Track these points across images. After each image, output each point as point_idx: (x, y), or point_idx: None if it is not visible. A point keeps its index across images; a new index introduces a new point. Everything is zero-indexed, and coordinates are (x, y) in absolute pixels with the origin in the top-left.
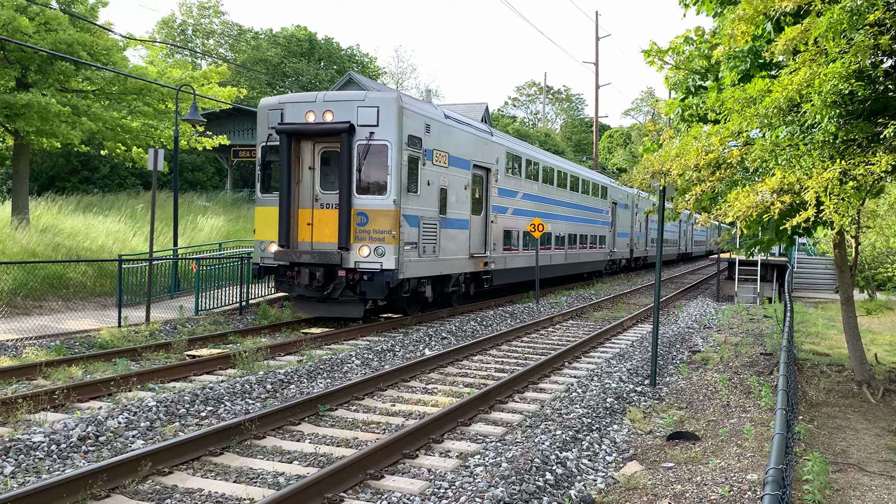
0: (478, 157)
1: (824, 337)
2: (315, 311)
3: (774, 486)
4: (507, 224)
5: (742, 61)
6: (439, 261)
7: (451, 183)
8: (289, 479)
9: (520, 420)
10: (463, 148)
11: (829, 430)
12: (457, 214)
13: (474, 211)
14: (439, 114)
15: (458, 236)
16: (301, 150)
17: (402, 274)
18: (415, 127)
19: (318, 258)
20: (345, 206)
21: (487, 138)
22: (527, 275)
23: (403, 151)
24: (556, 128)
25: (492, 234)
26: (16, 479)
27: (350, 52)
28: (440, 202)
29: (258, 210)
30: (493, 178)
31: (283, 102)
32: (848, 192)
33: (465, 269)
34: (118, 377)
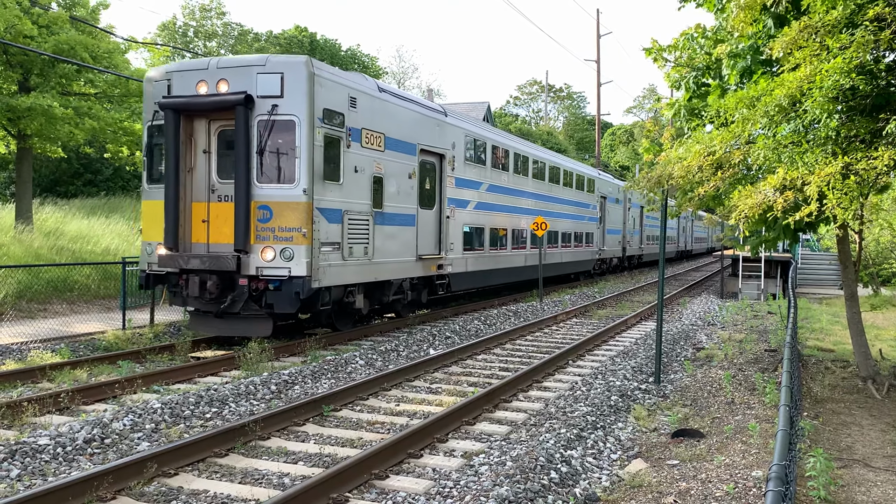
0: (427, 141)
1: (829, 333)
2: (211, 329)
3: (778, 482)
4: (468, 220)
5: (743, 58)
6: (374, 264)
7: (389, 170)
8: (294, 479)
9: (524, 419)
10: (406, 129)
11: (833, 426)
12: (398, 208)
13: (424, 204)
14: (370, 86)
15: (401, 235)
16: (194, 130)
17: (319, 281)
18: (334, 99)
19: (208, 263)
20: (242, 198)
21: (439, 119)
22: (496, 278)
23: (317, 129)
24: (559, 126)
25: (448, 232)
26: (22, 481)
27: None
28: (373, 193)
29: (144, 205)
30: (448, 167)
31: (170, 72)
32: (851, 187)
33: (412, 273)
34: (123, 379)
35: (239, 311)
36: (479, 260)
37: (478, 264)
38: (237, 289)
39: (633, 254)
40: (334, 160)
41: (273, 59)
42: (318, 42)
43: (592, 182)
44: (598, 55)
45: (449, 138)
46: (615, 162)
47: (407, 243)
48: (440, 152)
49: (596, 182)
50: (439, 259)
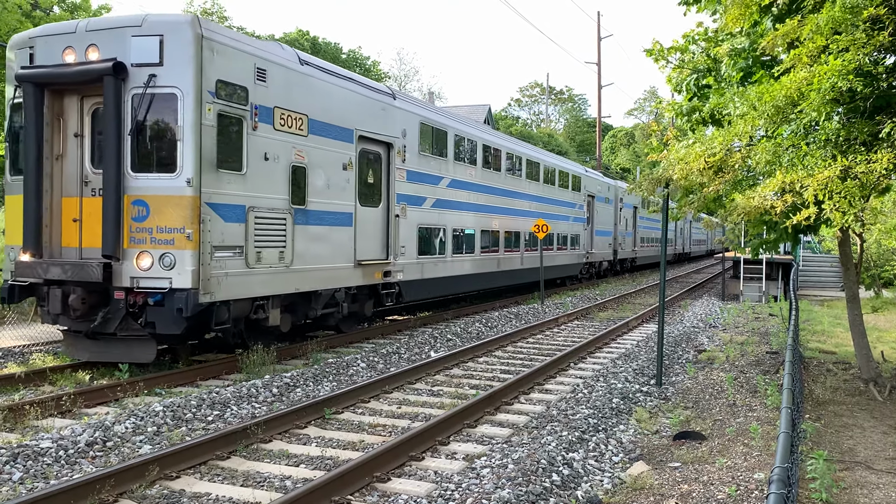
0: (368, 127)
1: (830, 335)
2: (82, 353)
3: (780, 484)
4: (425, 220)
5: (743, 58)
6: (293, 273)
7: (314, 159)
8: (296, 482)
9: (526, 421)
10: (340, 111)
11: (835, 428)
12: (328, 205)
13: (365, 201)
14: (287, 56)
15: (333, 236)
16: (63, 109)
17: (211, 295)
18: (233, 70)
19: (70, 273)
20: (112, 192)
21: (385, 102)
22: (462, 286)
23: (208, 105)
24: (559, 128)
25: (398, 234)
26: (24, 484)
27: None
28: (292, 186)
29: (8, 200)
30: (397, 158)
31: (33, 37)
32: (850, 191)
33: (349, 281)
34: (125, 382)
35: (115, 330)
36: (438, 266)
37: (437, 270)
38: (111, 304)
39: (625, 257)
40: (233, 145)
41: (151, 19)
42: (320, 45)
43: (578, 180)
44: (598, 57)
45: (398, 125)
46: (616, 164)
47: (341, 247)
48: (387, 140)
49: (582, 180)
50: (386, 265)
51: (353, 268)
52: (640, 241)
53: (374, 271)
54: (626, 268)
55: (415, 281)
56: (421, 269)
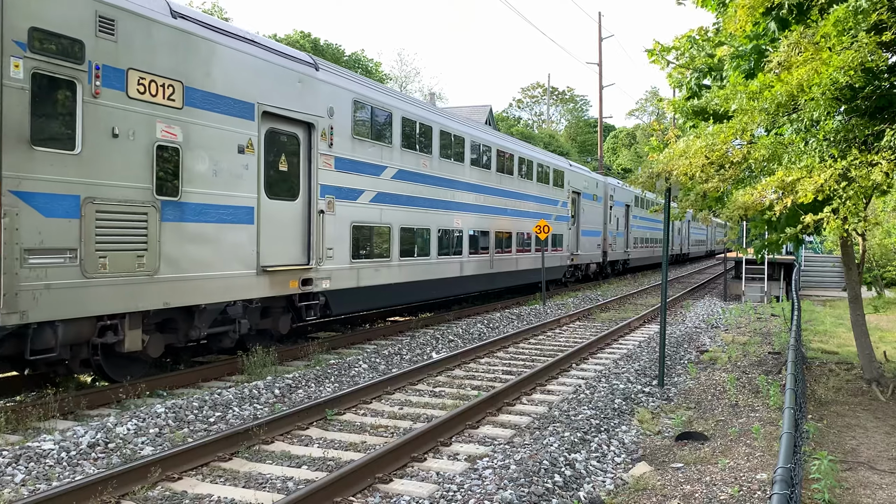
0: (278, 102)
1: (833, 335)
2: None
3: (783, 485)
4: (362, 217)
5: (746, 60)
6: (160, 282)
7: (196, 139)
8: (297, 483)
9: (528, 422)
10: (233, 80)
11: (838, 428)
12: (215, 197)
13: (275, 193)
14: (150, 5)
15: (224, 237)
16: None
17: (22, 315)
18: (58, 15)
19: None
20: None
21: (303, 72)
22: (413, 294)
23: (14, 60)
24: (561, 129)
25: (323, 234)
26: (26, 486)
27: (354, 56)
28: (158, 172)
29: None
30: (321, 141)
31: None
32: (850, 195)
33: (248, 293)
34: (127, 384)
35: None
36: (381, 271)
37: (379, 277)
38: None
39: (616, 258)
40: (60, 116)
41: None
42: (322, 46)
43: (561, 174)
44: (600, 58)
45: (322, 101)
46: (617, 165)
47: (236, 249)
48: (306, 120)
49: (566, 174)
50: (306, 271)
51: (255, 276)
52: (634, 241)
53: (289, 279)
54: (618, 270)
55: (348, 290)
56: (356, 275)
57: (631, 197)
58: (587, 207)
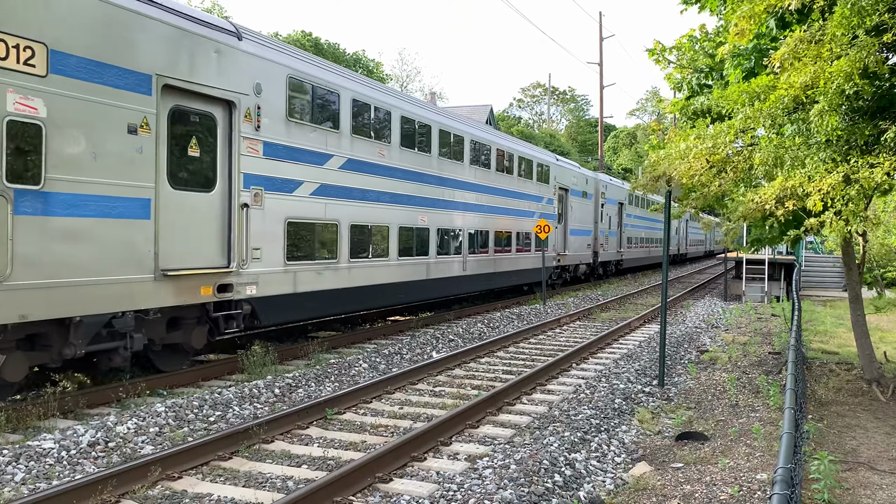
0: (185, 74)
1: (833, 335)
2: None
3: (783, 485)
4: (300, 213)
5: (746, 59)
6: (10, 290)
7: (63, 114)
8: (297, 482)
9: (528, 422)
10: (122, 44)
11: (838, 428)
12: (98, 186)
13: (182, 182)
14: None
15: (107, 234)
16: None
17: None
18: None
19: None
20: None
21: (221, 42)
22: (370, 299)
23: None
24: (561, 129)
25: (248, 231)
26: (27, 485)
27: (355, 56)
28: (8, 154)
29: None
30: (245, 123)
31: None
32: (852, 196)
33: (143, 301)
34: (127, 383)
35: None
36: (326, 275)
37: (323, 281)
38: None
39: (609, 259)
40: None
41: None
42: (323, 45)
43: (546, 169)
44: (600, 58)
45: (247, 77)
46: (618, 164)
47: (125, 250)
48: (225, 97)
49: (552, 170)
50: (224, 275)
51: (152, 281)
52: (628, 241)
53: (200, 285)
54: (611, 271)
55: (281, 297)
56: (292, 280)
57: (624, 194)
58: (576, 205)
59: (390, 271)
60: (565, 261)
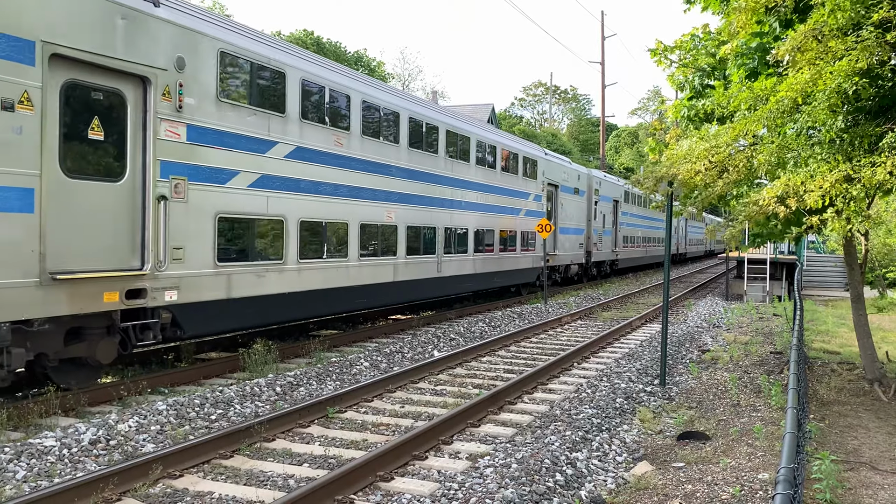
0: (83, 43)
1: (835, 335)
2: None
3: (786, 485)
4: (236, 207)
5: (750, 59)
6: None
7: None
8: (299, 481)
9: (529, 421)
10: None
11: (840, 428)
12: None
13: (78, 170)
14: None
15: None
16: None
17: None
18: None
19: None
20: None
21: (130, 6)
22: (313, 306)
23: None
24: (563, 128)
25: (167, 227)
26: (28, 483)
27: (357, 55)
28: None
29: None
30: (162, 102)
31: None
32: (854, 195)
33: (24, 310)
34: (128, 381)
35: None
36: (267, 278)
37: (263, 285)
38: None
39: (603, 259)
40: None
41: None
42: (325, 44)
43: (533, 164)
44: (602, 57)
45: (165, 49)
46: (620, 164)
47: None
48: (138, 72)
49: (539, 164)
50: (135, 278)
51: (36, 286)
52: (623, 240)
53: (102, 290)
54: (605, 272)
55: (211, 304)
56: (225, 283)
57: (620, 192)
58: (567, 202)
59: (350, 273)
60: (555, 261)
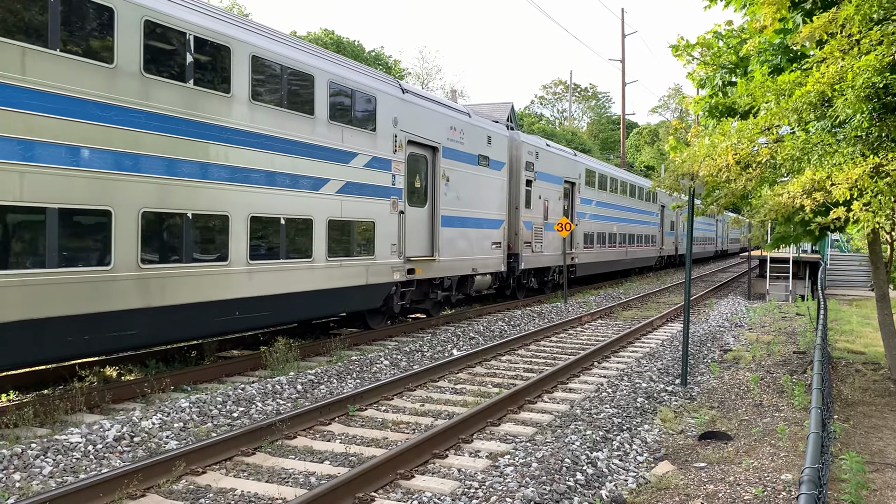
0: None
1: (859, 335)
2: None
3: (811, 485)
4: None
5: (773, 55)
6: None
7: None
8: (320, 478)
9: (549, 420)
10: None
11: (865, 429)
12: None
13: None
14: None
15: None
16: None
17: None
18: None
19: None
20: None
21: None
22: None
23: None
24: (583, 126)
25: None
26: (54, 478)
27: (376, 53)
28: None
29: None
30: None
31: None
32: (881, 188)
33: None
34: (151, 378)
35: None
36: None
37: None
38: None
39: (541, 265)
40: None
41: None
42: (344, 43)
43: (371, 102)
44: (622, 55)
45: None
46: (640, 162)
47: None
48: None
49: (384, 104)
50: None
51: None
52: (586, 238)
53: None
54: (549, 284)
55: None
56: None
57: (580, 170)
58: (461, 177)
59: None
60: (434, 270)
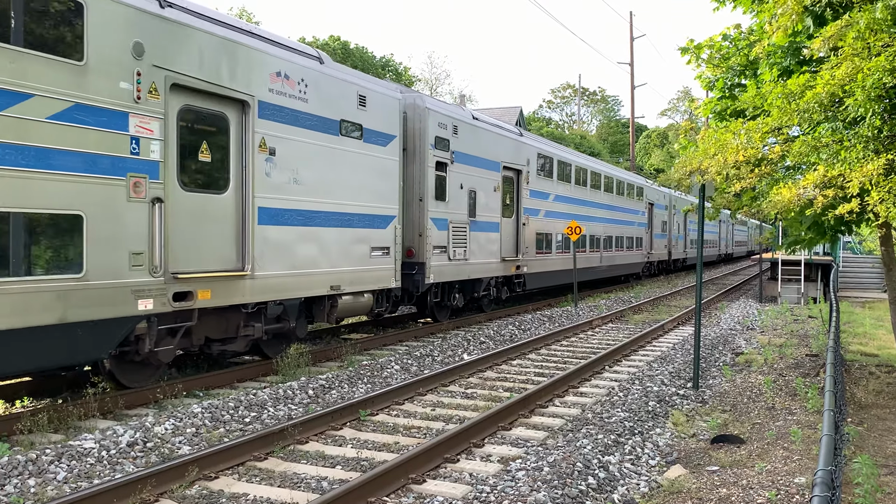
0: None
1: (872, 337)
2: None
3: (824, 487)
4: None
5: (782, 58)
6: None
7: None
8: (332, 483)
9: (561, 424)
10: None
11: (878, 432)
12: None
13: None
14: None
15: None
16: None
17: None
18: None
19: None
20: None
21: None
22: None
23: None
24: (592, 129)
25: None
26: (69, 484)
27: (384, 60)
28: None
29: None
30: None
31: None
32: (893, 185)
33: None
34: (163, 384)
35: None
36: None
37: None
38: None
39: (462, 277)
40: None
41: None
42: (352, 50)
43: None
44: (631, 58)
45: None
46: (650, 165)
47: None
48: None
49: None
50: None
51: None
52: (539, 241)
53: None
54: (483, 299)
55: None
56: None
57: (526, 153)
58: (303, 152)
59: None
60: (229, 294)
